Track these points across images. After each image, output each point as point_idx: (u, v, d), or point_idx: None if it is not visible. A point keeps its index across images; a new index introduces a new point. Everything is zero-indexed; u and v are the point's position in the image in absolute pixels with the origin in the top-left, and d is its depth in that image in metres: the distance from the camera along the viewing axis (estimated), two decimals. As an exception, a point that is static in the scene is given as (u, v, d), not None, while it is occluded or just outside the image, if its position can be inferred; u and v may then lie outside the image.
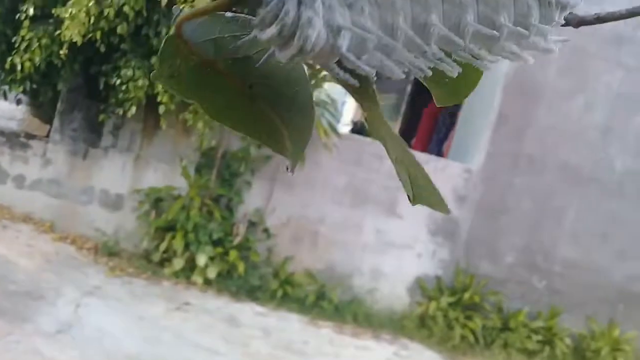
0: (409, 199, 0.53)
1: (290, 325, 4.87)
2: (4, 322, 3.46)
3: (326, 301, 5.32)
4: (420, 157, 6.00)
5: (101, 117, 5.14)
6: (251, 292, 5.11)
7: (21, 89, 5.23)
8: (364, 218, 5.76)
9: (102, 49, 4.77)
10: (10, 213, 4.99)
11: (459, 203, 5.84)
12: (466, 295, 5.58)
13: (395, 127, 8.30)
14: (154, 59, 4.80)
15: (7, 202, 5.10)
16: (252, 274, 5.19)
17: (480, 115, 6.08)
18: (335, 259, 5.69)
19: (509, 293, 5.83)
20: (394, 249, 5.80)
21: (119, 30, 4.62)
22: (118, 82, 4.80)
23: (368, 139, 6.39)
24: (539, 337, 5.54)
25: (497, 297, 5.73)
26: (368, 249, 5.77)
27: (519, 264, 5.96)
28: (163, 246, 5.05)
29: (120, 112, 4.91)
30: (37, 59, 4.76)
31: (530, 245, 5.97)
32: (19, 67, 4.79)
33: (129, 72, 4.77)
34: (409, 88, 8.49)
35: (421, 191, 0.48)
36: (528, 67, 5.81)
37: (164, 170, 5.42)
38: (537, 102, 5.92)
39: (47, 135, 5.34)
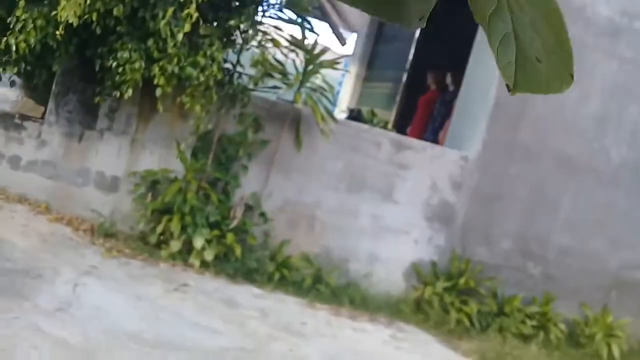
0: (508, 88, 0.49)
1: (288, 307, 4.87)
2: (3, 299, 3.43)
3: (323, 284, 5.33)
4: (417, 144, 6.03)
5: (97, 99, 5.09)
6: (248, 275, 5.10)
7: (16, 70, 5.17)
8: (360, 203, 5.77)
9: (98, 30, 4.72)
10: (5, 193, 4.94)
11: (455, 190, 5.87)
12: (462, 281, 5.61)
13: (391, 116, 8.33)
14: (150, 42, 4.77)
15: (2, 182, 5.04)
16: (249, 257, 5.18)
17: (477, 104, 6.10)
18: (331, 243, 5.69)
19: (504, 279, 5.86)
20: (390, 234, 5.81)
21: (115, 12, 4.58)
22: (114, 64, 4.75)
23: (365, 126, 6.41)
24: (534, 322, 5.58)
25: (493, 282, 5.76)
26: (364, 234, 5.78)
27: (514, 251, 6.00)
28: (160, 228, 5.02)
29: (117, 94, 4.87)
30: (32, 40, 4.69)
31: (526, 232, 6.01)
32: (13, 48, 4.72)
33: (125, 55, 4.72)
34: (404, 78, 8.52)
35: (531, 70, 0.42)
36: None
37: (160, 153, 5.39)
38: (533, 91, 5.95)
39: (42, 117, 5.29)
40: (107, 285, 4.14)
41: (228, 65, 5.38)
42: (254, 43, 5.47)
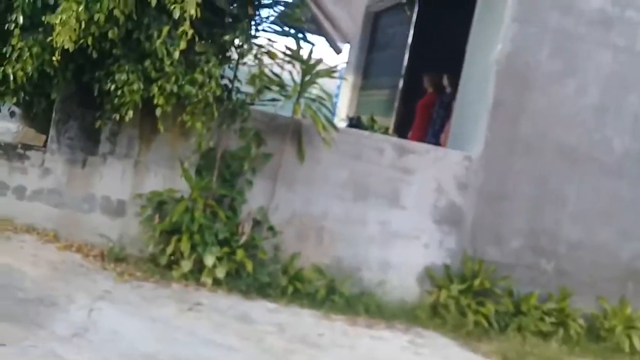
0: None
1: (303, 319, 4.82)
2: (19, 328, 3.38)
3: (337, 295, 5.27)
4: (420, 147, 6.02)
5: (98, 124, 5.08)
6: (261, 290, 5.06)
7: (14, 100, 5.16)
8: (367, 211, 5.74)
9: (94, 55, 4.72)
10: (12, 224, 4.91)
11: (461, 191, 5.85)
12: (476, 282, 5.57)
13: (390, 122, 8.34)
14: (147, 62, 4.76)
15: (9, 213, 5.01)
16: (260, 271, 5.13)
17: (476, 103, 6.10)
18: (341, 253, 5.65)
19: (518, 277, 5.82)
20: (399, 240, 5.78)
21: (110, 35, 4.57)
22: (112, 87, 4.75)
23: (366, 133, 6.41)
24: (552, 319, 5.53)
25: (507, 282, 5.72)
26: (374, 242, 5.74)
27: (525, 248, 5.96)
28: (169, 249, 4.98)
29: (117, 117, 4.86)
30: (29, 69, 4.67)
31: (535, 229, 5.98)
32: (11, 78, 4.71)
33: (123, 77, 4.72)
34: (400, 83, 8.55)
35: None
36: (520, 52, 5.86)
37: (164, 173, 5.36)
38: (531, 87, 5.96)
39: (44, 146, 5.27)
40: (121, 309, 4.09)
41: (226, 81, 5.37)
42: (250, 57, 5.47)
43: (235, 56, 5.49)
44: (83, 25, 4.46)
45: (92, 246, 4.99)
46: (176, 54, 4.67)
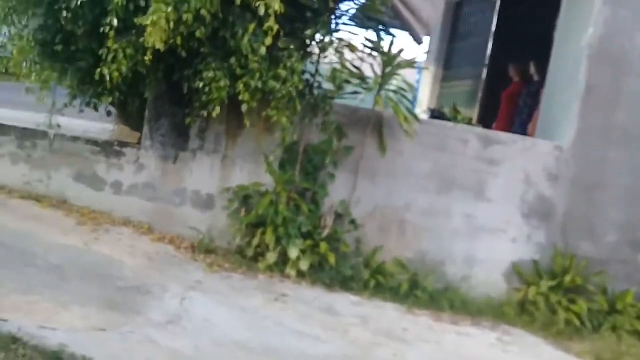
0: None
1: (387, 313, 4.80)
2: (118, 314, 3.60)
3: (420, 289, 5.21)
4: (506, 137, 5.81)
5: (187, 120, 5.28)
6: (344, 283, 5.08)
7: (110, 99, 5.47)
8: (452, 203, 5.62)
9: (183, 54, 4.89)
10: (110, 218, 5.22)
11: (551, 182, 5.59)
12: (567, 278, 5.31)
13: (474, 113, 8.11)
14: (232, 59, 4.89)
15: (107, 207, 5.33)
16: (343, 264, 5.16)
17: (567, 90, 5.81)
18: (424, 246, 5.57)
19: (613, 273, 5.49)
20: (485, 233, 5.62)
21: (197, 34, 4.71)
22: (200, 84, 4.90)
23: (449, 123, 6.27)
24: (650, 318, 5.19)
25: (601, 278, 5.42)
26: (458, 235, 5.61)
27: (621, 242, 5.62)
28: (255, 241, 5.11)
29: (205, 114, 5.02)
30: (123, 69, 4.88)
31: (633, 221, 5.62)
32: (107, 78, 4.94)
33: (210, 74, 4.86)
34: (484, 73, 8.28)
35: None
36: (613, 35, 5.52)
37: (250, 168, 5.51)
38: (627, 70, 5.59)
39: (138, 142, 5.55)
40: (212, 298, 4.25)
41: (307, 76, 5.42)
42: (331, 50, 5.48)
43: (316, 50, 5.52)
44: (172, 26, 4.62)
45: (183, 238, 5.21)
46: (262, 50, 4.75)
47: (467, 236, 5.61)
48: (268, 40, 4.71)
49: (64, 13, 4.91)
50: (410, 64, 5.95)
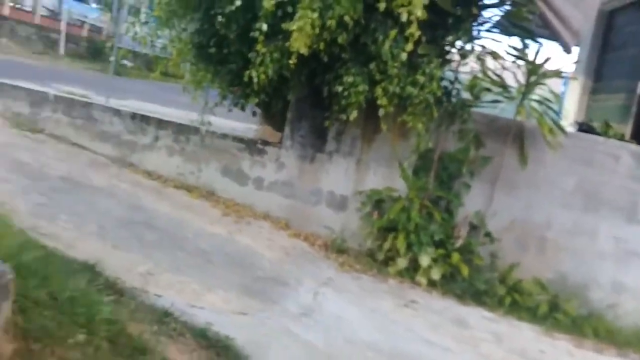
0: None
1: (522, 333, 4.55)
2: (257, 301, 3.76)
3: (560, 313, 4.88)
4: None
5: (326, 123, 5.41)
6: (477, 297, 4.90)
7: (256, 100, 5.76)
8: (599, 223, 5.21)
9: (325, 59, 5.03)
10: (252, 211, 5.50)
11: None
12: None
13: (627, 129, 7.47)
14: (372, 65, 4.94)
15: (249, 201, 5.63)
16: (476, 278, 4.98)
17: None
18: (566, 267, 5.21)
19: None
20: (637, 259, 5.14)
21: (339, 40, 4.82)
22: (340, 89, 5.00)
23: (600, 138, 5.83)
24: None
25: None
26: (605, 259, 5.19)
27: None
28: (386, 245, 5.10)
29: (343, 117, 5.11)
30: (270, 72, 5.10)
31: None
32: (255, 81, 5.19)
33: (350, 79, 4.95)
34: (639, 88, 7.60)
35: None
36: None
37: (383, 172, 5.52)
38: None
39: (280, 142, 5.80)
40: (343, 297, 4.30)
41: (445, 83, 5.33)
42: (471, 58, 5.35)
43: (456, 58, 5.42)
44: (317, 31, 4.79)
45: (318, 236, 5.35)
46: (402, 56, 4.75)
47: (615, 260, 5.16)
48: (409, 47, 4.71)
49: (219, 18, 5.25)
50: (557, 74, 5.63)
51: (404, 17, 4.60)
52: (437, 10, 4.99)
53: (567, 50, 6.45)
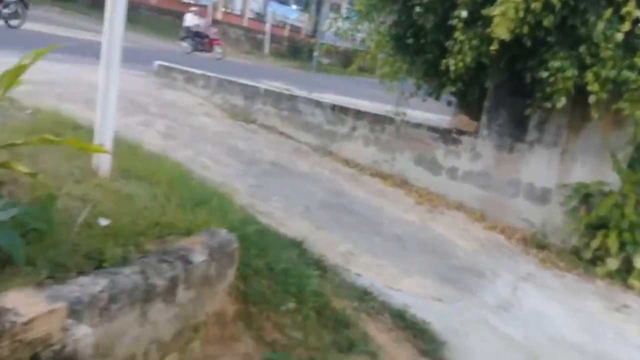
0: None
1: None
2: (453, 289, 3.75)
3: None
4: None
5: (527, 111, 5.14)
6: None
7: (452, 89, 5.69)
8: None
9: (528, 44, 4.77)
10: (445, 201, 5.47)
11: None
12: None
13: None
14: (582, 48, 4.57)
15: (442, 191, 5.61)
16: None
17: None
18: None
19: None
20: None
21: (544, 22, 4.54)
22: (545, 75, 4.70)
23: None
24: None
25: None
26: None
27: None
28: (594, 244, 4.70)
29: (548, 105, 4.81)
30: (468, 60, 5.00)
31: None
32: (452, 69, 5.12)
33: (557, 64, 4.63)
34: None
35: None
36: None
37: (592, 164, 5.08)
38: None
39: (475, 132, 5.66)
40: (544, 293, 4.08)
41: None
42: None
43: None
44: (520, 15, 4.56)
45: (515, 229, 5.12)
46: (618, 37, 4.34)
47: None
48: (625, 26, 4.27)
49: (417, 9, 5.28)
50: None
51: (622, -5, 4.20)
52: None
53: None
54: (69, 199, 2.27)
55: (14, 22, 9.61)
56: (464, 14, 4.97)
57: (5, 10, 9.59)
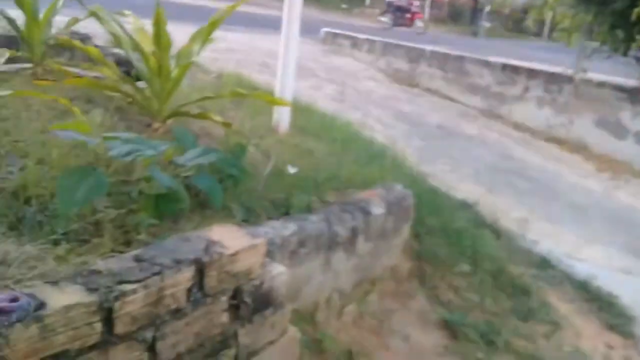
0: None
1: None
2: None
3: None
4: None
5: None
6: None
7: (643, 45, 5.05)
8: None
9: None
10: (631, 168, 4.91)
11: None
12: None
13: None
14: None
15: (627, 157, 5.03)
16: None
17: None
18: None
19: None
20: None
21: None
22: None
23: None
24: None
25: None
26: None
27: None
28: None
29: None
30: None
31: None
32: (645, 21, 4.55)
33: None
34: None
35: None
36: None
37: None
38: None
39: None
40: None
41: None
42: None
43: None
44: None
45: None
46: None
47: None
48: None
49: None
50: None
51: None
52: None
53: None
54: (255, 151, 2.41)
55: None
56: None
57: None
